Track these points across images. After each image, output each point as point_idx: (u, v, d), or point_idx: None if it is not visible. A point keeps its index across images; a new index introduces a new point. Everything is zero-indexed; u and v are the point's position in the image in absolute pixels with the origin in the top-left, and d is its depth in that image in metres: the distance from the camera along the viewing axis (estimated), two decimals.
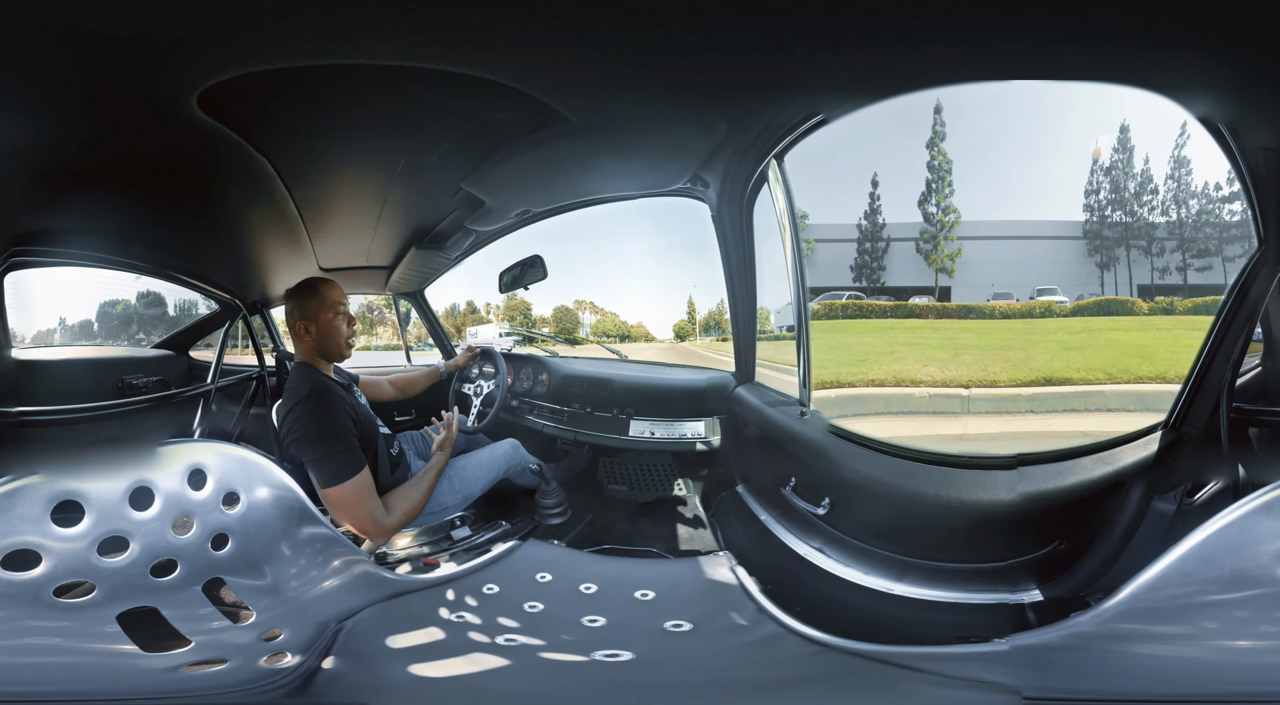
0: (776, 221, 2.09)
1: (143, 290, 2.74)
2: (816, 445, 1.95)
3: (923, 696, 1.21)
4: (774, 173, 2.00)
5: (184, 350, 2.89)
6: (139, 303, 2.75)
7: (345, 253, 2.80)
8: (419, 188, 2.25)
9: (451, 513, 2.24)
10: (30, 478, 1.10)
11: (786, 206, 2.04)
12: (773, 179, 2.02)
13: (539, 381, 3.03)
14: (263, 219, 2.20)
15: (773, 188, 2.05)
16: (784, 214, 2.06)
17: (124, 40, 1.12)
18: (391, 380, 2.70)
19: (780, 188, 2.02)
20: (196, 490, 1.23)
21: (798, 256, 2.07)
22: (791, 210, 2.04)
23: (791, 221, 2.05)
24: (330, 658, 1.29)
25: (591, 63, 1.35)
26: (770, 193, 2.08)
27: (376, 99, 1.55)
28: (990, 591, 1.71)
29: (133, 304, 2.74)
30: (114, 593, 1.13)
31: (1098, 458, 1.73)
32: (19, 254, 1.84)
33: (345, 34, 1.20)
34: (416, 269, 3.14)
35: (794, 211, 2.04)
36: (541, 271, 2.87)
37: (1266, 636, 1.00)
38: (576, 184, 2.41)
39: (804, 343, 2.08)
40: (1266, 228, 1.53)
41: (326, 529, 1.38)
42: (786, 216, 2.05)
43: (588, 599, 1.65)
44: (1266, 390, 1.73)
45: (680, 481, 2.72)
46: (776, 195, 2.05)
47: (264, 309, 2.99)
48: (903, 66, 1.38)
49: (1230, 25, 1.13)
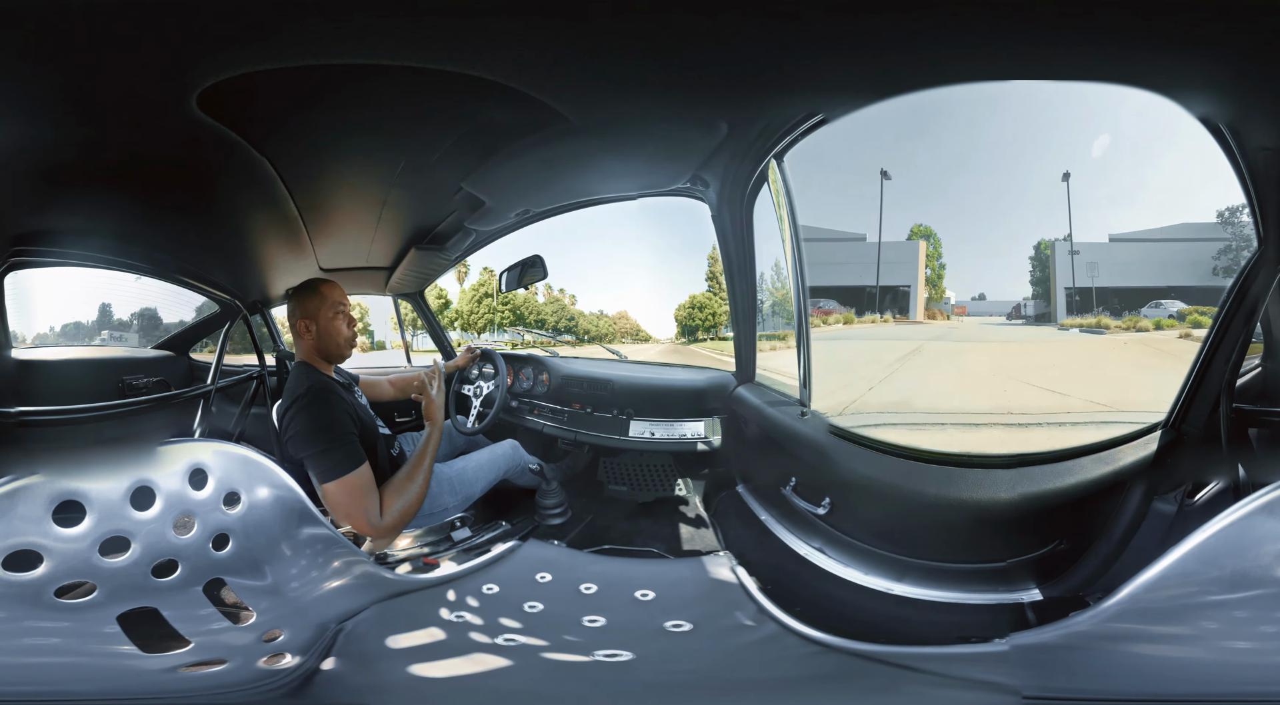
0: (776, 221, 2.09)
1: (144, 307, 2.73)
2: (817, 445, 1.95)
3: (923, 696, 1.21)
4: (774, 173, 2.00)
5: (184, 351, 2.89)
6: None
7: (345, 253, 2.79)
8: (419, 188, 2.25)
9: (451, 513, 2.24)
10: (31, 478, 1.10)
11: (787, 206, 2.04)
12: (773, 179, 2.03)
13: (539, 382, 3.03)
14: (263, 219, 2.19)
15: (773, 188, 2.05)
16: (784, 214, 2.06)
17: (124, 40, 1.12)
18: (391, 380, 2.70)
19: (780, 188, 2.02)
20: (197, 490, 1.23)
21: (798, 256, 2.07)
22: (792, 210, 2.04)
23: (791, 221, 2.05)
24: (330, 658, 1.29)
25: (591, 63, 1.35)
26: (770, 193, 2.08)
27: (376, 99, 1.54)
28: (990, 591, 1.71)
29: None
30: (115, 593, 1.13)
31: (1098, 458, 1.73)
32: (19, 254, 1.84)
33: (345, 34, 1.20)
34: (417, 270, 3.14)
35: (794, 211, 2.04)
36: (542, 271, 2.87)
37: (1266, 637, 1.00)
38: (576, 184, 2.41)
39: (804, 343, 2.08)
40: (1266, 228, 1.53)
41: (327, 529, 1.38)
42: (786, 216, 2.05)
43: (588, 599, 1.65)
44: (1266, 390, 1.73)
45: (681, 481, 2.72)
46: (777, 195, 2.05)
47: (264, 309, 2.99)
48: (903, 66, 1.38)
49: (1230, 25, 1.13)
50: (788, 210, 2.05)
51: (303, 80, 1.36)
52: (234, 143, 1.58)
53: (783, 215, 2.07)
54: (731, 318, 2.53)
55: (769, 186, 2.07)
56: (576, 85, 1.46)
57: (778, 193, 2.04)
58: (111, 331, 2.61)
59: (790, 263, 2.09)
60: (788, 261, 2.10)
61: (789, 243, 2.08)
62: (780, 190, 2.03)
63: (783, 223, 2.08)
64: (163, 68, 1.22)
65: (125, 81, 1.24)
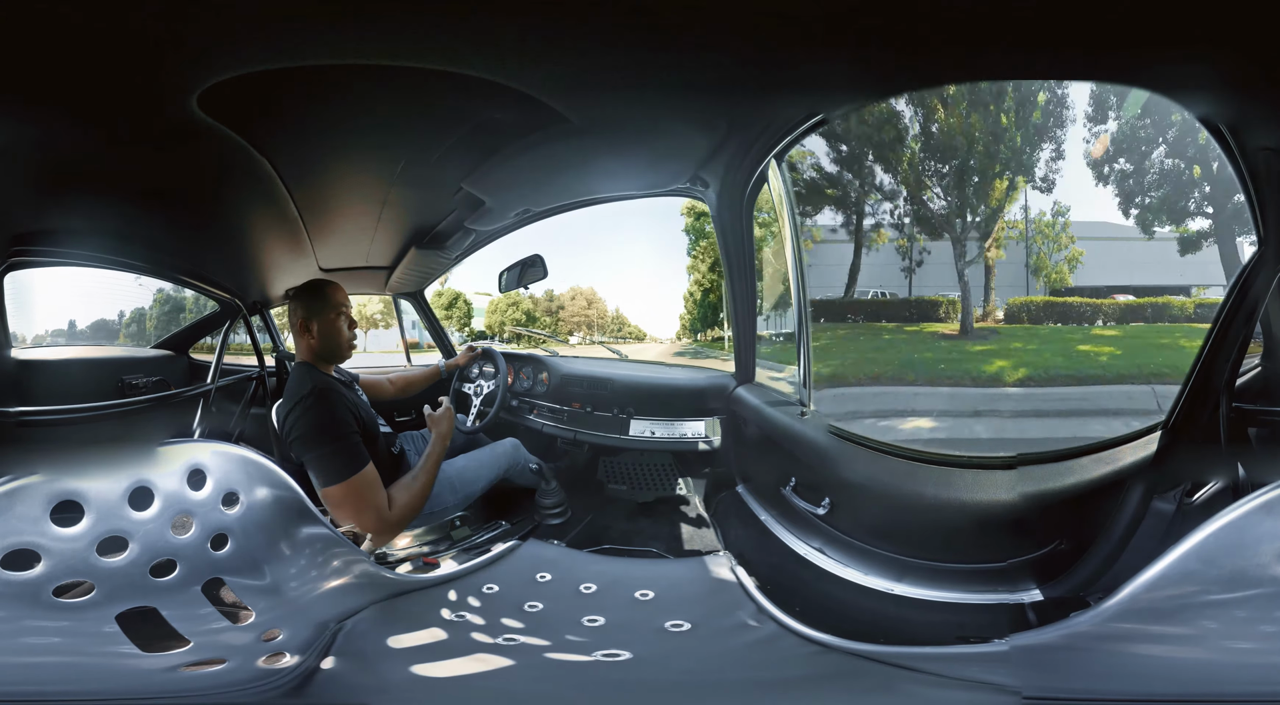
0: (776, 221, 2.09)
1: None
2: (816, 445, 1.96)
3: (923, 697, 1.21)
4: (774, 173, 2.00)
5: (184, 350, 2.89)
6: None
7: (345, 253, 2.80)
8: (419, 188, 2.25)
9: (451, 512, 2.24)
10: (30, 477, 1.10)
11: (787, 206, 2.04)
12: (773, 179, 2.02)
13: (539, 381, 3.03)
14: (263, 219, 2.20)
15: (773, 187, 2.05)
16: (784, 214, 2.06)
17: (124, 39, 1.12)
18: (391, 379, 2.71)
19: (780, 188, 2.02)
20: (196, 490, 1.23)
21: (798, 256, 2.07)
22: (792, 210, 2.04)
23: (791, 221, 2.05)
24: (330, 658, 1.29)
25: (591, 63, 1.35)
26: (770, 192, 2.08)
27: (376, 99, 1.55)
28: (990, 591, 1.71)
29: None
30: (113, 593, 1.13)
31: (1097, 458, 1.73)
32: (19, 254, 1.84)
33: (345, 34, 1.20)
34: (417, 269, 3.14)
35: (794, 211, 2.04)
36: (542, 270, 2.87)
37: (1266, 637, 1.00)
38: (576, 184, 2.41)
39: (804, 343, 2.08)
40: (1266, 228, 1.52)
41: (326, 529, 1.38)
42: (787, 216, 2.05)
43: (588, 599, 1.65)
44: (1266, 390, 1.73)
45: (681, 481, 2.72)
46: (777, 195, 2.05)
47: (264, 309, 2.99)
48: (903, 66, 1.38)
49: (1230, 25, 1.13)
50: (788, 210, 2.05)
51: (303, 80, 1.36)
52: (234, 143, 1.58)
53: (783, 215, 2.07)
54: (732, 318, 2.54)
55: (769, 186, 2.07)
56: (576, 85, 1.46)
57: (778, 193, 2.04)
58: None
59: (790, 263, 2.09)
60: (788, 261, 2.10)
61: (789, 243, 2.08)
62: (780, 190, 2.03)
63: (783, 223, 2.08)
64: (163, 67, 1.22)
65: (125, 81, 1.24)
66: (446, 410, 2.17)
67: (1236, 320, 1.61)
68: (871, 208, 6.12)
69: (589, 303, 5.01)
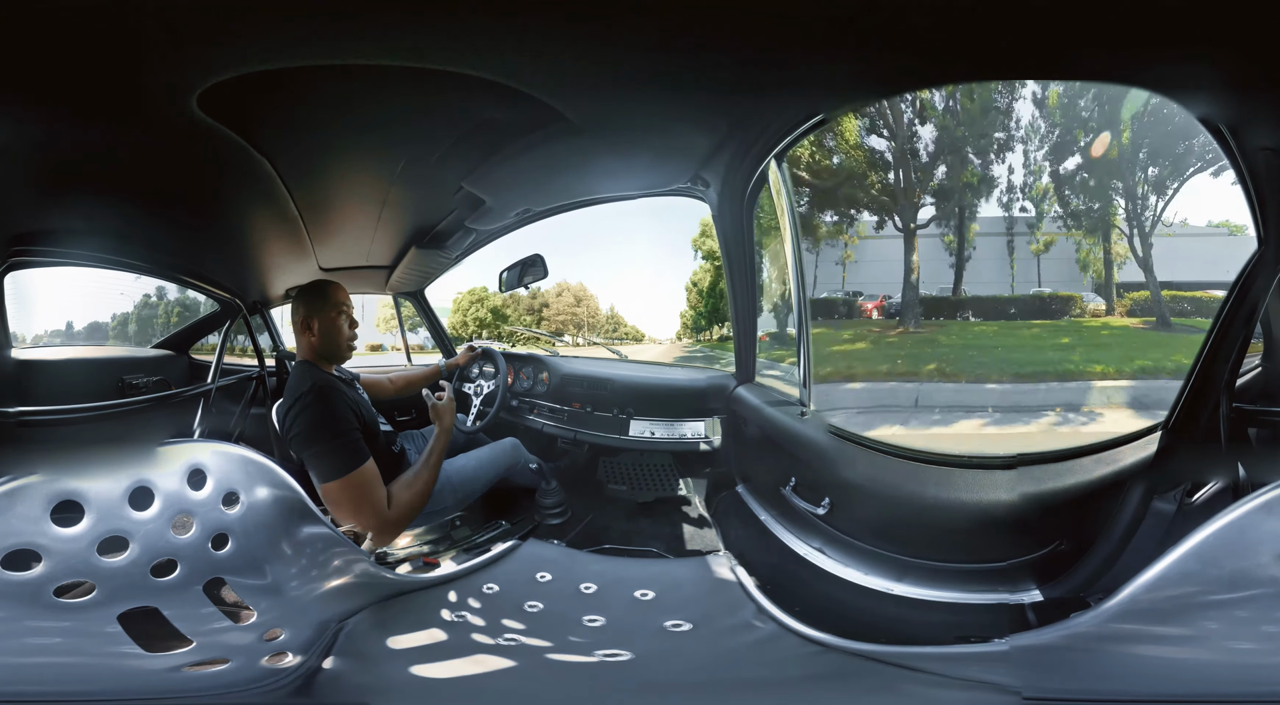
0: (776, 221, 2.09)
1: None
2: (816, 445, 1.96)
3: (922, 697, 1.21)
4: (774, 173, 2.00)
5: (184, 350, 2.89)
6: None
7: (345, 252, 2.80)
8: (419, 187, 2.25)
9: (451, 512, 2.24)
10: (30, 477, 1.09)
11: (787, 206, 2.04)
12: (773, 179, 2.02)
13: (539, 381, 3.03)
14: (263, 219, 2.20)
15: (773, 187, 2.05)
16: (784, 214, 2.06)
17: (124, 39, 1.12)
18: (392, 378, 2.71)
19: (780, 188, 2.02)
20: (196, 490, 1.23)
21: (798, 256, 2.07)
22: (792, 210, 2.04)
23: (791, 221, 2.05)
24: (331, 657, 1.29)
25: (591, 63, 1.35)
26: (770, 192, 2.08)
27: (376, 99, 1.55)
28: (990, 591, 1.71)
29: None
30: (114, 593, 1.12)
31: (1098, 458, 1.73)
32: (19, 254, 1.84)
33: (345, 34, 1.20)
34: (417, 269, 3.14)
35: (794, 211, 2.04)
36: (542, 270, 2.87)
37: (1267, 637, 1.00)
38: (576, 184, 2.41)
39: (804, 343, 2.08)
40: (1266, 228, 1.52)
41: (327, 529, 1.38)
42: (787, 216, 2.05)
43: (588, 599, 1.65)
44: (1266, 390, 1.73)
45: (681, 481, 2.72)
46: (777, 195, 2.05)
47: (264, 309, 2.99)
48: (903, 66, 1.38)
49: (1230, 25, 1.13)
50: (788, 210, 2.05)
51: (303, 80, 1.36)
52: (234, 143, 1.58)
53: (783, 215, 2.07)
54: (732, 318, 2.53)
55: (769, 186, 2.07)
56: (576, 85, 1.46)
57: (778, 193, 2.04)
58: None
59: (790, 263, 2.09)
60: (788, 261, 2.10)
61: (789, 242, 2.08)
62: (780, 190, 2.03)
63: (783, 222, 2.08)
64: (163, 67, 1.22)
65: (125, 81, 1.24)
66: (449, 401, 2.14)
67: (1236, 320, 1.61)
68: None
69: (578, 300, 4.74)
